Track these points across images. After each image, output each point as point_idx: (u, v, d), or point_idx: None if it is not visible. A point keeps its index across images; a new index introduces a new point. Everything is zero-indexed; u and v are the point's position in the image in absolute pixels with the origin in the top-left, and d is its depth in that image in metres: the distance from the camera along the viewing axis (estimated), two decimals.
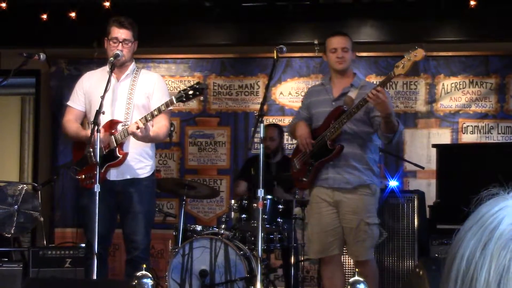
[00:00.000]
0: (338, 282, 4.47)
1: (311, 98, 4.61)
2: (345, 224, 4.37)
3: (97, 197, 4.07)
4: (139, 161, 4.52)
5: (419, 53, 3.94)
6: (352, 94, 4.32)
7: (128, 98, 4.48)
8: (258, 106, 4.46)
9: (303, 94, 7.00)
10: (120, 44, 4.44)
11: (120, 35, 4.44)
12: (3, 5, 6.61)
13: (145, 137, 4.33)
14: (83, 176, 4.50)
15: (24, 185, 5.98)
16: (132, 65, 4.58)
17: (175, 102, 4.24)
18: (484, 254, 0.89)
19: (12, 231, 5.74)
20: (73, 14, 6.71)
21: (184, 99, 4.21)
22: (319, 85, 4.67)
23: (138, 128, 4.21)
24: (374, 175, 4.38)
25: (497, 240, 0.89)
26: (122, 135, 4.38)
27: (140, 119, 4.26)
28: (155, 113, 4.25)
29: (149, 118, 4.26)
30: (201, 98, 4.29)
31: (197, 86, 4.22)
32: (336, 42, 4.44)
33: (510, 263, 0.87)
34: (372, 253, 4.42)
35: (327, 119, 4.38)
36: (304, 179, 4.50)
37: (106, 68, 4.48)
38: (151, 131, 4.35)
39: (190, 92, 4.19)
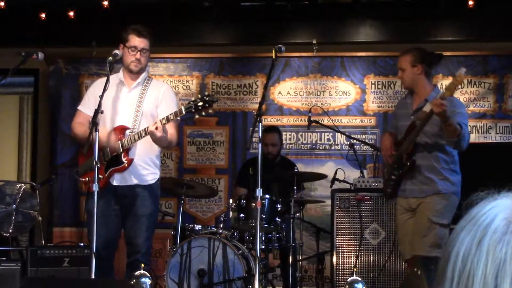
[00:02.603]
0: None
1: (398, 110, 4.82)
2: (413, 222, 4.52)
3: (96, 196, 4.07)
4: (144, 169, 4.52)
5: (459, 77, 4.16)
6: (427, 108, 4.39)
7: (137, 106, 4.50)
8: (256, 106, 4.46)
9: (301, 93, 7.01)
10: (139, 52, 4.48)
11: (139, 44, 4.48)
12: (2, 4, 6.60)
13: (162, 138, 4.31)
14: (87, 178, 4.49)
15: (23, 184, 5.98)
16: (144, 74, 4.60)
17: (184, 112, 4.24)
18: (480, 250, 0.90)
19: (11, 230, 5.74)
20: (71, 14, 6.70)
21: (193, 110, 4.21)
22: (405, 97, 4.81)
23: (157, 128, 4.21)
24: (451, 184, 4.48)
25: (492, 234, 0.90)
26: (129, 140, 4.38)
27: (160, 119, 4.26)
28: (164, 121, 4.25)
29: (171, 118, 4.25)
30: (210, 110, 4.27)
31: (207, 98, 4.21)
32: (398, 61, 4.64)
33: (506, 257, 0.88)
34: (431, 253, 4.34)
35: (406, 133, 4.54)
36: (388, 190, 4.70)
37: (119, 75, 4.54)
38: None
39: (200, 104, 4.18)
